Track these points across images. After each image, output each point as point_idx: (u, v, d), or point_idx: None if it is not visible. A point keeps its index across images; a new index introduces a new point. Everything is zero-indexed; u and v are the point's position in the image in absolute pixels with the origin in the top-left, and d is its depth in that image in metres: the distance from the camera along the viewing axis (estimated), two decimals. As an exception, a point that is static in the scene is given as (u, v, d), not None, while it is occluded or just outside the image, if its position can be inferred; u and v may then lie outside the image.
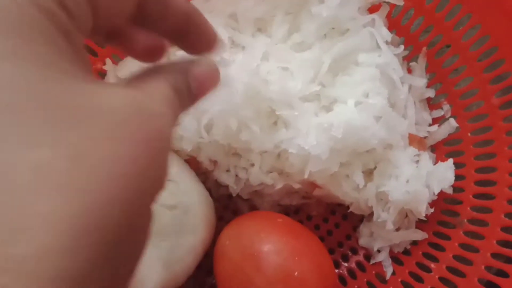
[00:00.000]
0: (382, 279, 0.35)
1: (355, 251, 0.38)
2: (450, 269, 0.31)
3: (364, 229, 0.37)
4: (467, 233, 0.32)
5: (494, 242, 0.30)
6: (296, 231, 0.32)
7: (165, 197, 0.33)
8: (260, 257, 0.30)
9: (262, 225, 0.33)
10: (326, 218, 0.40)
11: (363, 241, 0.37)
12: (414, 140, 0.34)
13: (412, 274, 0.33)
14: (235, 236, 0.32)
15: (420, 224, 0.35)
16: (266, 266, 0.29)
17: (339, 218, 0.39)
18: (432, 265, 0.32)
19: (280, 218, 0.34)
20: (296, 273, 0.29)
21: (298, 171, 0.33)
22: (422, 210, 0.32)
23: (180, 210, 0.33)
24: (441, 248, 0.33)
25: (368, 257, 0.37)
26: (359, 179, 0.33)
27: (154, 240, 0.32)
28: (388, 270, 0.35)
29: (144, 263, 0.33)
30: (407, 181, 0.32)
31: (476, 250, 0.31)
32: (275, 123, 0.35)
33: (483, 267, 0.29)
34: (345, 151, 0.32)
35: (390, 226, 0.33)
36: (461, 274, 0.30)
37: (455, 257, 0.32)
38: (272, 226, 0.32)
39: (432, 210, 0.32)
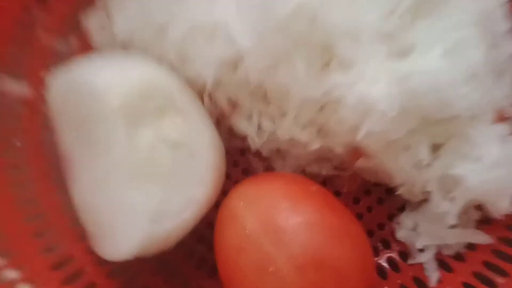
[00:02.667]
0: (422, 286, 0.28)
1: (387, 245, 0.31)
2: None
3: (406, 219, 0.29)
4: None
5: None
6: (334, 207, 0.24)
7: (168, 129, 0.24)
8: (287, 231, 0.22)
9: (291, 190, 0.24)
10: (358, 199, 0.32)
11: (402, 234, 0.29)
12: (500, 118, 0.27)
13: (467, 286, 0.26)
14: (252, 198, 0.24)
15: (482, 225, 0.27)
16: (293, 243, 0.22)
17: (373, 200, 0.32)
18: (499, 280, 0.25)
19: (313, 185, 0.26)
20: (331, 259, 0.21)
21: (348, 129, 0.25)
22: (504, 205, 0.24)
23: (185, 150, 0.24)
24: (510, 259, 0.26)
25: (403, 254, 0.30)
26: (424, 153, 0.25)
27: (144, 184, 0.23)
28: (433, 276, 0.27)
29: (124, 213, 0.23)
30: (491, 166, 0.24)
31: None
32: (327, 64, 0.26)
33: None
34: (416, 114, 0.25)
35: (452, 220, 0.25)
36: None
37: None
38: (304, 194, 0.24)
39: (514, 209, 0.25)
